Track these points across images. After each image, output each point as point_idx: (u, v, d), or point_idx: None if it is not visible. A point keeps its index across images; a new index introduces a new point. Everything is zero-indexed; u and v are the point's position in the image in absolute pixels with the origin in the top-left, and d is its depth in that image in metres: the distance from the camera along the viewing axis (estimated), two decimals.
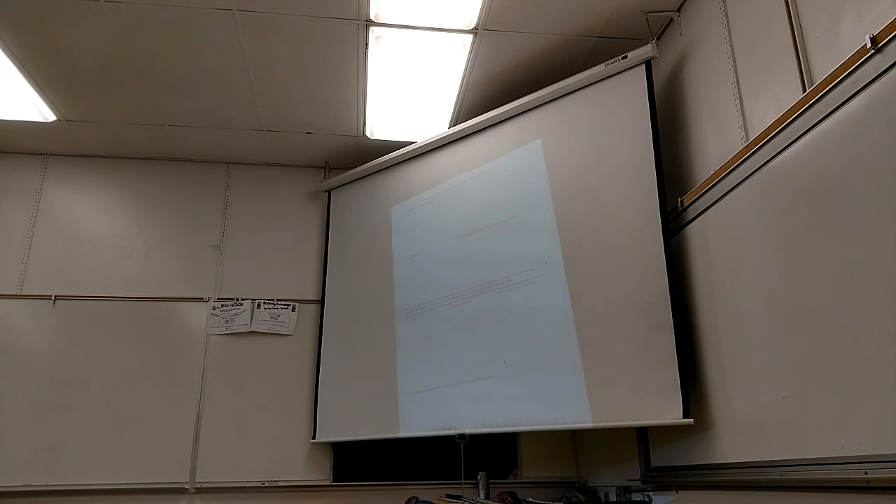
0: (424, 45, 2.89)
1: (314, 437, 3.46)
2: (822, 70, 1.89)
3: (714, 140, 2.46)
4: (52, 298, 3.56)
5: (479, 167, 3.24)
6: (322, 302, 3.70)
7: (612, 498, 3.12)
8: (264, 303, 3.69)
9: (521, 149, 3.08)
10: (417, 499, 3.16)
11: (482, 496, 3.03)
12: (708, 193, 2.38)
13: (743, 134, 2.26)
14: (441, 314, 3.19)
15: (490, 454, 3.51)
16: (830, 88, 1.76)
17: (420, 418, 3.12)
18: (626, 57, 2.75)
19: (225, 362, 3.57)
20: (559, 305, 2.76)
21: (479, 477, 3.09)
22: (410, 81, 3.15)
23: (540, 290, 2.84)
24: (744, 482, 2.12)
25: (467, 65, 3.04)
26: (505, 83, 3.18)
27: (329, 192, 3.91)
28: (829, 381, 1.74)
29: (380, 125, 3.55)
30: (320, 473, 3.46)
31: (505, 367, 2.88)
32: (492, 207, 3.12)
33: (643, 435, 2.87)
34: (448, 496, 2.96)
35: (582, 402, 2.59)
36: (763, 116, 2.16)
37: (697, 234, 2.47)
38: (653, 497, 2.81)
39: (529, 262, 2.91)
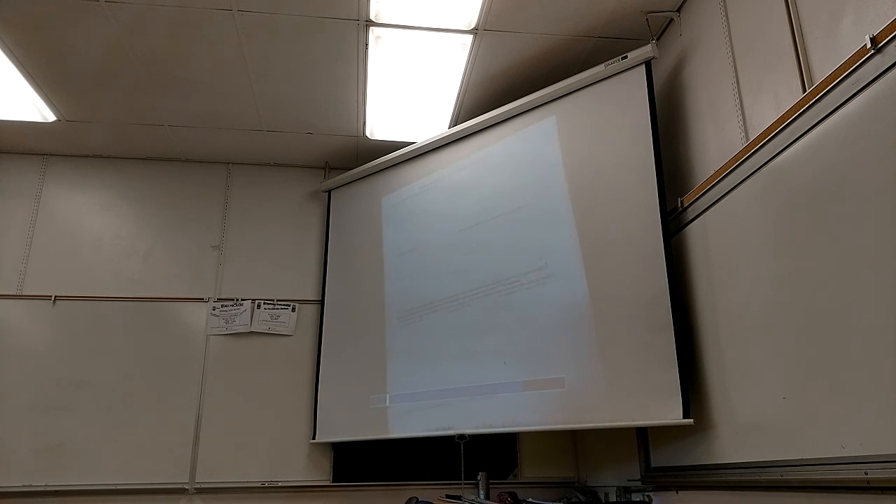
0: (424, 45, 2.89)
1: (314, 437, 3.46)
2: (822, 70, 1.89)
3: (714, 140, 2.46)
4: (52, 298, 3.56)
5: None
6: (322, 302, 3.70)
7: (612, 498, 3.12)
8: (264, 303, 3.69)
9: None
10: (417, 499, 3.16)
11: (482, 496, 3.03)
12: (708, 193, 2.38)
13: (743, 134, 2.26)
14: (441, 314, 3.19)
15: (490, 454, 3.51)
16: (830, 88, 1.76)
17: (420, 418, 3.12)
18: (626, 57, 2.75)
19: (225, 362, 3.57)
20: (559, 306, 2.76)
21: (479, 477, 3.09)
22: (410, 81, 3.15)
23: (540, 291, 2.84)
24: (744, 482, 2.12)
25: (467, 65, 3.04)
26: (505, 83, 3.18)
27: (329, 192, 3.91)
28: (829, 381, 1.75)
29: (380, 125, 3.55)
30: (320, 474, 3.46)
31: (505, 367, 2.88)
32: (491, 203, 3.12)
33: (643, 435, 2.87)
34: (448, 496, 2.96)
35: (582, 401, 2.59)
36: (763, 116, 2.16)
37: (697, 234, 2.47)
38: (653, 497, 2.81)
39: (529, 263, 2.90)
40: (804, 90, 1.95)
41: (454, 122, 3.47)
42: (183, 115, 3.44)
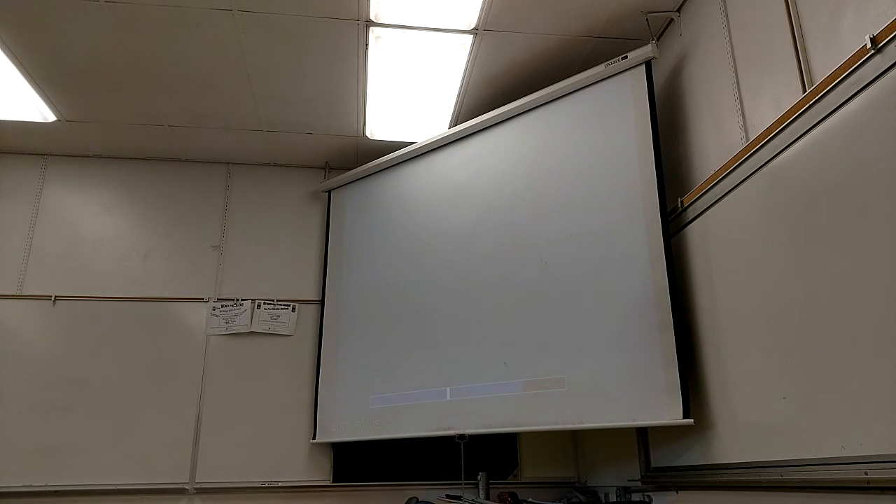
0: (424, 45, 2.89)
1: (314, 438, 3.46)
2: (822, 70, 1.89)
3: (714, 140, 2.46)
4: (52, 298, 3.56)
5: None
6: (322, 302, 3.70)
7: (612, 498, 3.12)
8: (264, 303, 3.69)
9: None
10: (417, 499, 3.16)
11: (482, 496, 3.03)
12: (708, 193, 2.38)
13: (743, 134, 2.26)
14: (441, 315, 3.19)
15: (490, 454, 3.51)
16: (830, 89, 1.76)
17: (420, 418, 3.12)
18: (626, 57, 2.75)
19: (225, 362, 3.57)
20: (559, 306, 2.76)
21: (479, 477, 3.09)
22: (410, 81, 3.15)
23: (539, 291, 2.84)
24: (744, 482, 2.12)
25: (467, 65, 3.04)
26: (505, 83, 3.18)
27: (329, 192, 3.91)
28: (829, 381, 1.75)
29: (380, 125, 3.55)
30: (320, 474, 3.46)
31: (505, 367, 2.88)
32: (491, 204, 3.12)
33: (643, 435, 2.87)
34: (448, 496, 2.96)
35: (582, 401, 2.59)
36: (763, 117, 2.16)
37: (697, 234, 2.47)
38: (653, 497, 2.81)
39: (529, 264, 2.91)
40: (804, 90, 1.95)
41: (454, 122, 3.47)
42: (183, 115, 3.44)
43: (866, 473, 1.59)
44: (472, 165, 3.28)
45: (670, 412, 2.33)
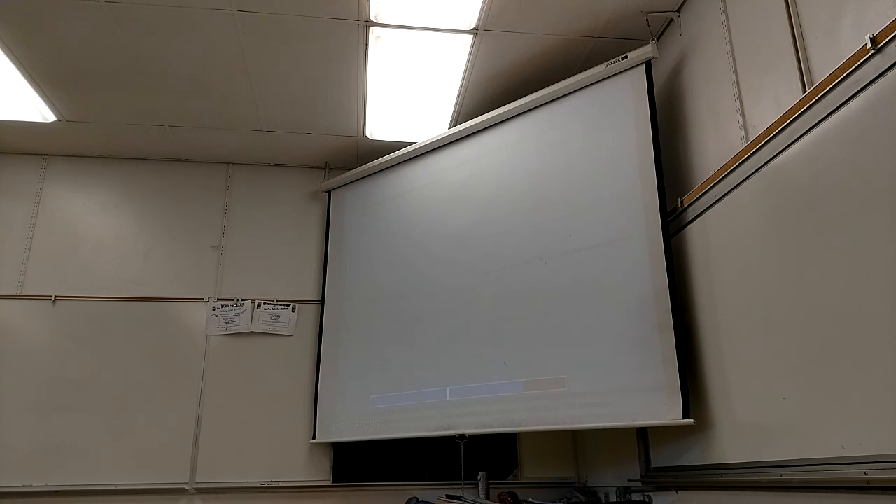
0: (424, 45, 2.89)
1: (314, 438, 3.46)
2: (822, 70, 1.89)
3: (714, 140, 2.46)
4: (52, 299, 3.55)
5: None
6: (322, 302, 3.70)
7: (612, 498, 3.12)
8: (264, 303, 3.69)
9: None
10: (417, 499, 3.16)
11: (482, 496, 3.03)
12: (708, 194, 2.38)
13: (743, 134, 2.26)
14: (441, 314, 3.19)
15: (490, 454, 3.51)
16: (830, 89, 1.76)
17: (420, 418, 3.12)
18: (626, 57, 2.75)
19: (225, 362, 3.57)
20: (559, 305, 2.76)
21: (479, 477, 3.09)
22: (410, 82, 3.15)
23: (539, 291, 2.84)
24: (744, 482, 2.12)
25: (467, 65, 3.04)
26: (505, 83, 3.18)
27: (329, 192, 3.91)
28: (829, 381, 1.75)
29: (380, 125, 3.55)
30: (320, 474, 3.46)
31: (505, 367, 2.88)
32: (490, 205, 3.12)
33: (643, 435, 2.87)
34: (448, 496, 2.96)
35: (582, 401, 2.59)
36: (763, 117, 2.16)
37: (697, 234, 2.47)
38: (653, 497, 2.81)
39: (529, 264, 2.91)
40: (804, 90, 1.95)
41: (454, 123, 3.47)
42: (183, 115, 3.44)
43: (866, 473, 1.59)
44: (472, 165, 3.28)
45: (670, 412, 2.33)
